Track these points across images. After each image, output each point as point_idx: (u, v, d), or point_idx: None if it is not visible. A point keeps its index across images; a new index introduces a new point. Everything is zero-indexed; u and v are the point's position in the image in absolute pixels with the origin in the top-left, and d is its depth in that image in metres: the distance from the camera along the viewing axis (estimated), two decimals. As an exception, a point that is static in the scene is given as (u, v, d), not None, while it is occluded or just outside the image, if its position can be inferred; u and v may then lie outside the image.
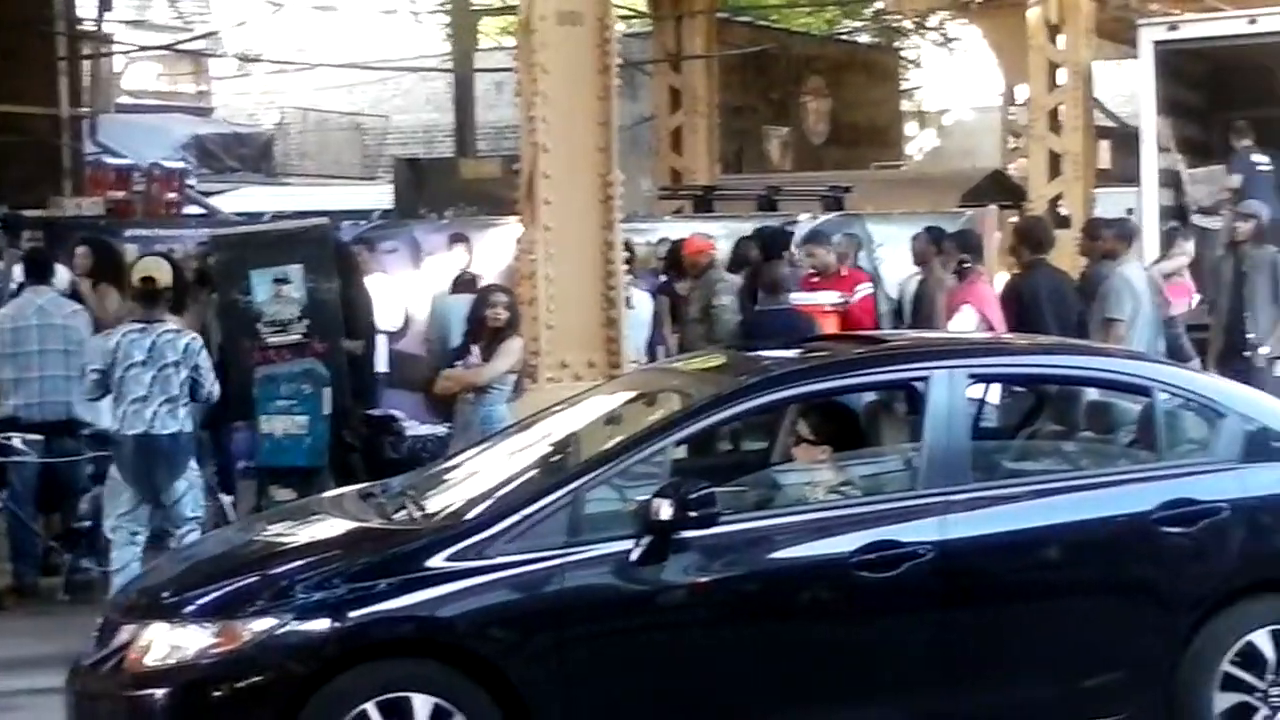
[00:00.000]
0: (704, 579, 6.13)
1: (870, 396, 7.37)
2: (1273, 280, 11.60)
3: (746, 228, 14.87)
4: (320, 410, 10.72)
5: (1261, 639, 6.45)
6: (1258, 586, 6.56)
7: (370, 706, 5.74)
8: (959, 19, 33.35)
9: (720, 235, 14.56)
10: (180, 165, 22.51)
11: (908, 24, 36.01)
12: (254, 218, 15.98)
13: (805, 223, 16.34)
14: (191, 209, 20.32)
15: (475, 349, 10.24)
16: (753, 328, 11.30)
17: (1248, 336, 11.58)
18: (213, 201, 21.67)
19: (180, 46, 29.67)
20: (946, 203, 19.86)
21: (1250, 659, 6.44)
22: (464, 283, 12.70)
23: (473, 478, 6.79)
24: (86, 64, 21.89)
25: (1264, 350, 11.53)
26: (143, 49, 27.99)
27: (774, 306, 11.38)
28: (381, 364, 13.01)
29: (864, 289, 13.15)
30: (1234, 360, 11.66)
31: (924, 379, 6.53)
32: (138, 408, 9.33)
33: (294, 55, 31.67)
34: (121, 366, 9.33)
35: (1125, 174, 19.82)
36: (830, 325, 11.73)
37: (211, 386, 9.57)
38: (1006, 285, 12.18)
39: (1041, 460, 7.20)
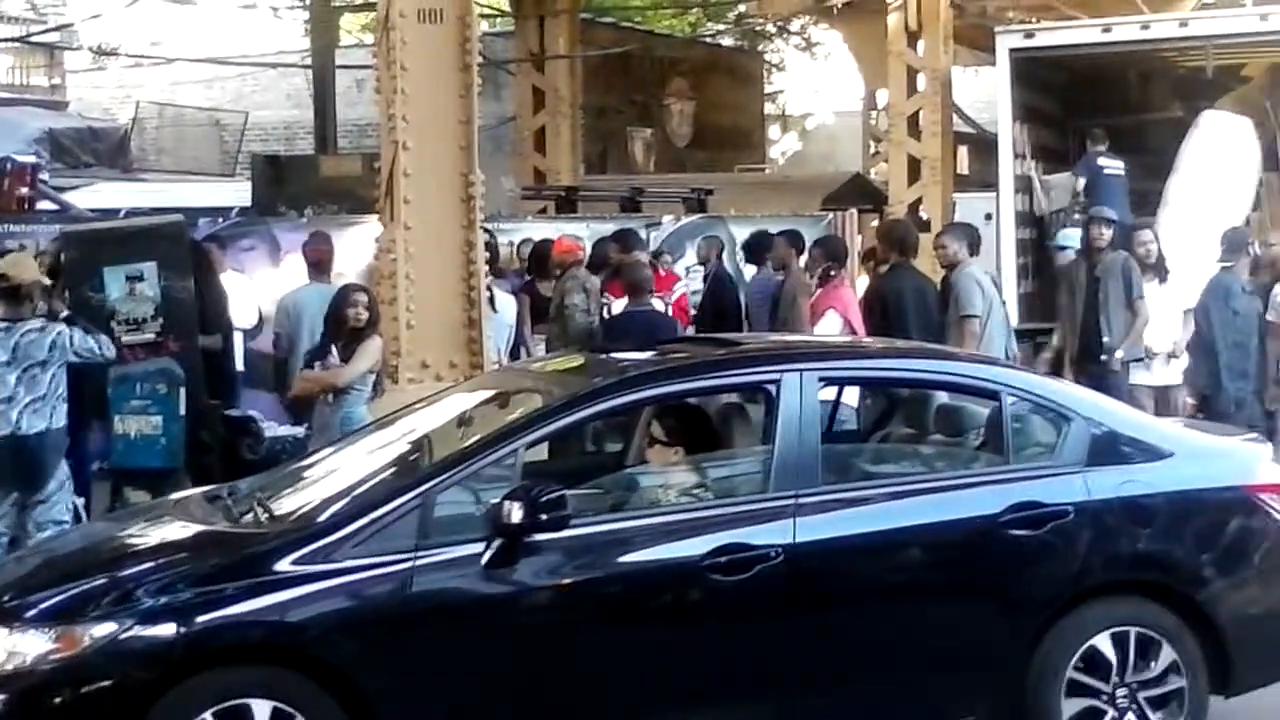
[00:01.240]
0: (555, 582, 6.07)
1: (723, 399, 7.36)
2: (1125, 284, 11.79)
3: (609, 228, 14.88)
4: (176, 410, 10.52)
5: (1103, 643, 6.49)
6: (1102, 589, 6.62)
7: (209, 715, 5.61)
8: (821, 24, 33.66)
9: (583, 236, 14.57)
10: (33, 159, 21.98)
11: (770, 28, 36.23)
12: (109, 214, 15.62)
13: (669, 224, 16.43)
14: (45, 204, 19.89)
15: (334, 349, 10.11)
16: (614, 328, 11.30)
17: (1103, 340, 11.76)
18: (67, 197, 21.19)
19: (34, 38, 29.06)
20: (808, 206, 20.05)
21: (1094, 664, 6.49)
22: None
23: (322, 480, 6.69)
24: (-65, 55, 21.42)
25: (1119, 354, 11.72)
26: (-6, 40, 27.41)
27: (636, 308, 11.38)
28: (238, 363, 12.81)
29: (680, 288, 13.54)
30: (1089, 364, 11.85)
31: (775, 382, 6.52)
32: (3, 409, 9.25)
33: (151, 49, 31.16)
34: None
35: (984, 179, 20.10)
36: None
37: (105, 349, 9.58)
38: (869, 286, 12.30)
39: (892, 463, 7.23)
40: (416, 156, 9.05)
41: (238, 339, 12.84)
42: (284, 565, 5.84)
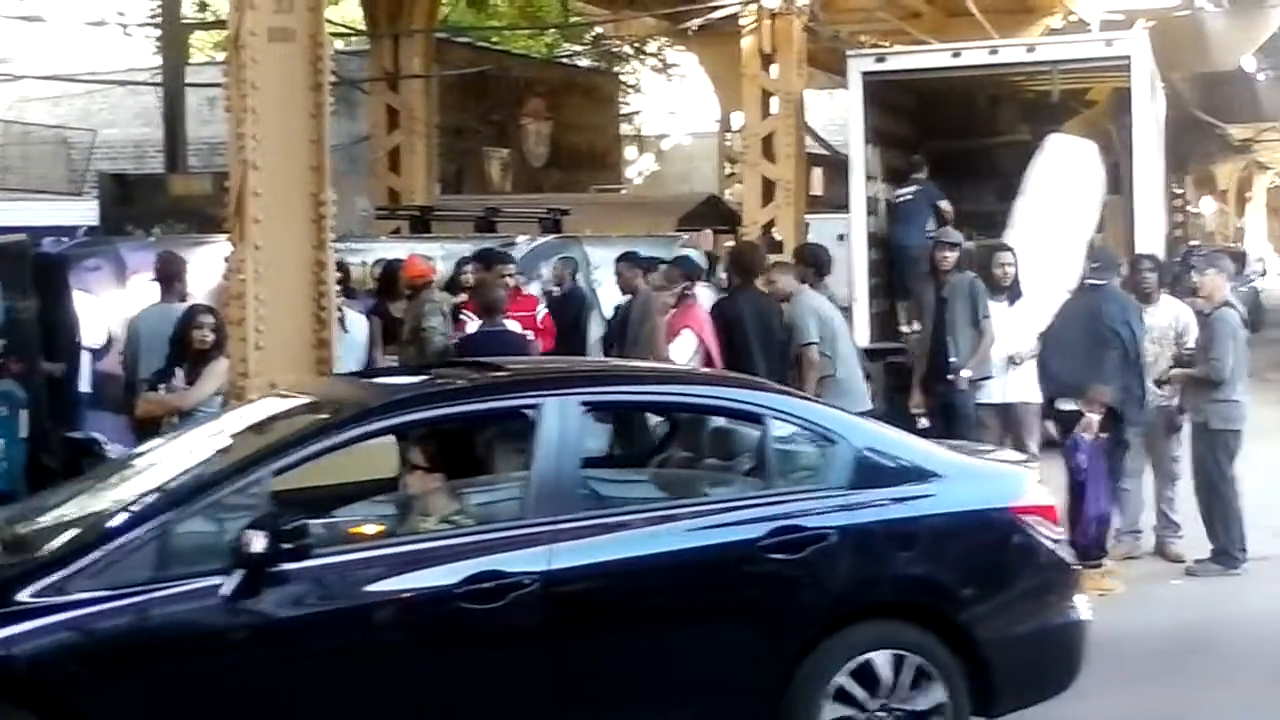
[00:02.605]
0: (302, 612, 5.88)
1: (484, 424, 7.26)
2: (971, 305, 11.95)
3: (465, 249, 14.81)
4: (17, 433, 10.34)
5: (864, 665, 6.43)
6: (864, 611, 6.56)
7: None
8: (677, 46, 33.89)
9: (438, 256, 14.49)
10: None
11: (627, 49, 36.41)
12: (-50, 233, 15.30)
13: (524, 244, 16.40)
14: (-116, 223, 19.41)
15: (179, 372, 9.96)
16: (467, 349, 11.24)
17: (950, 360, 11.91)
18: (-93, 216, 20.75)
19: (-126, 53, 28.42)
20: (664, 226, 20.18)
21: (855, 685, 6.41)
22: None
23: (70, 508, 6.45)
24: None
25: (966, 373, 11.86)
26: None
27: (490, 328, 11.33)
28: (84, 384, 12.58)
29: (542, 310, 13.59)
30: (937, 384, 12.00)
31: (535, 407, 6.40)
32: None
33: (-4, 65, 30.56)
34: None
35: (837, 201, 20.32)
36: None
37: None
38: (712, 308, 12.38)
39: (656, 488, 7.18)
40: (267, 176, 8.94)
41: (85, 359, 12.63)
42: (23, 597, 5.61)
